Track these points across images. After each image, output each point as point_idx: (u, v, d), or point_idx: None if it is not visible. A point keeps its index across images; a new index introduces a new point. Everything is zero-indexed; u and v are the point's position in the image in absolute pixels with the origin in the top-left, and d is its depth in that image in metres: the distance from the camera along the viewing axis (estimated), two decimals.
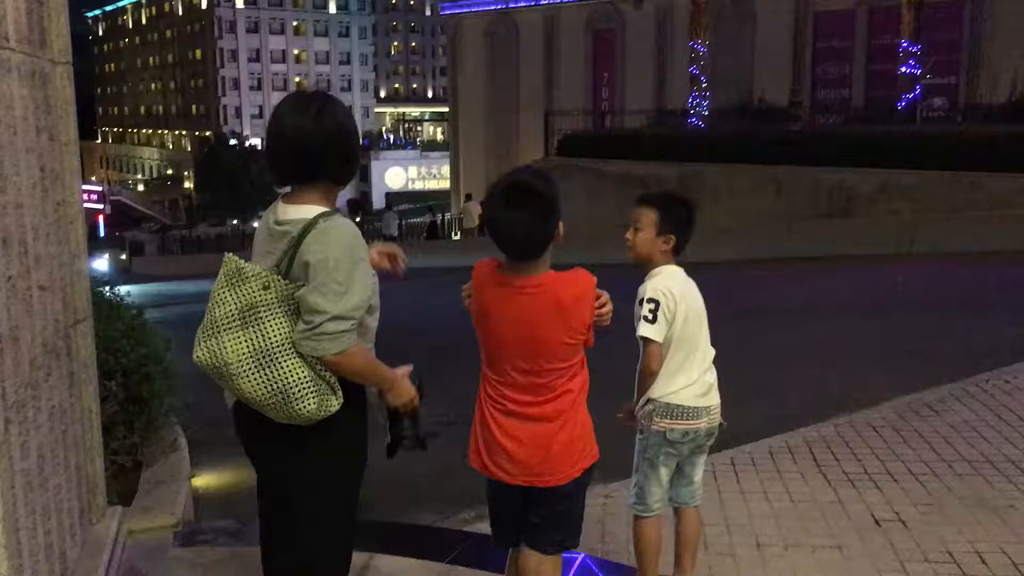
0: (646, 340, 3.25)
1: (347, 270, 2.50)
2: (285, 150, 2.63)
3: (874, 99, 32.68)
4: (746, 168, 20.76)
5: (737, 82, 34.07)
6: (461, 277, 3.04)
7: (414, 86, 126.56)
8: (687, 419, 3.32)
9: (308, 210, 2.59)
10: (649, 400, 3.33)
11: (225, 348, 2.53)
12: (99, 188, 60.64)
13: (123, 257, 34.20)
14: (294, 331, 2.52)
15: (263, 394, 2.52)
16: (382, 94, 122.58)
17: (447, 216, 47.13)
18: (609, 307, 2.86)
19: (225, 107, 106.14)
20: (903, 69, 22.74)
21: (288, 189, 2.72)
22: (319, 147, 2.60)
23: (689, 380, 3.32)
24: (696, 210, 3.42)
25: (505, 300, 2.81)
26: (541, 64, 46.98)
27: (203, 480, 5.23)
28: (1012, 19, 31.18)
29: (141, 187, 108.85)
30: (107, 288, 5.52)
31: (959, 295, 11.09)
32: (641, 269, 3.39)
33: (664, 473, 3.38)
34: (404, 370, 2.79)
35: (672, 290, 3.30)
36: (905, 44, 22.65)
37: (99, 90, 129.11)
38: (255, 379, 2.51)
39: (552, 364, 2.82)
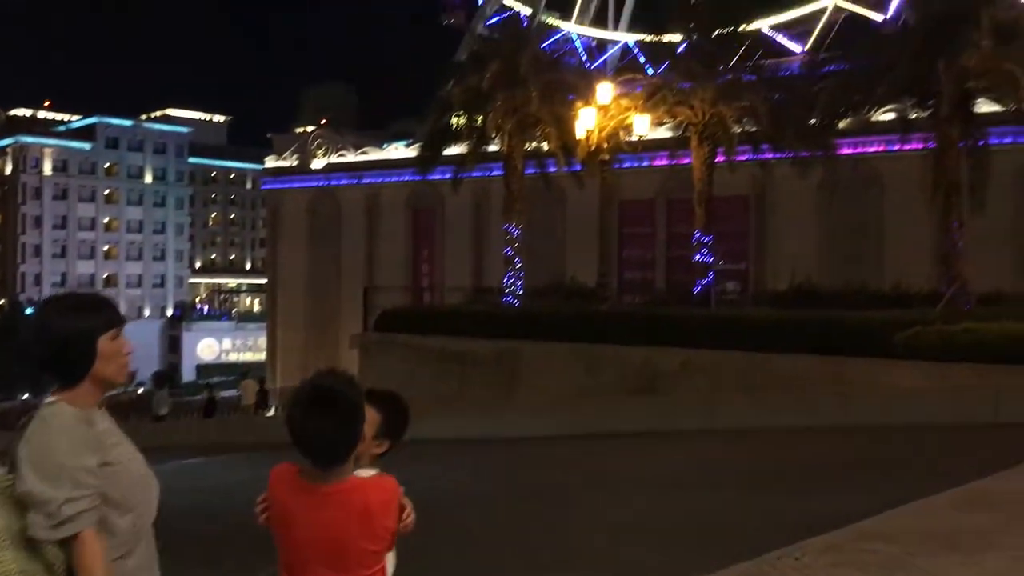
0: None
1: (64, 453, 2.57)
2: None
3: (674, 282, 35.12)
4: (558, 345, 21.52)
5: (550, 262, 35.81)
6: (256, 457, 2.98)
7: (232, 257, 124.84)
8: None
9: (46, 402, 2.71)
10: None
11: None
12: None
13: None
14: (15, 521, 2.54)
15: None
16: (197, 264, 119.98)
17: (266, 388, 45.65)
18: (412, 517, 2.88)
19: (24, 274, 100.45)
20: (697, 257, 24.67)
21: None
22: (40, 355, 2.71)
23: None
24: (411, 418, 3.45)
25: (311, 508, 2.76)
26: (362, 240, 47.75)
27: None
28: (788, 212, 34.80)
29: None
30: None
31: (753, 471, 11.72)
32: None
33: None
34: None
35: None
36: (698, 235, 24.66)
37: None
38: None
39: (357, 571, 2.77)
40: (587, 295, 26.79)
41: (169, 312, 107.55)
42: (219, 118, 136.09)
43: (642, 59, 41.08)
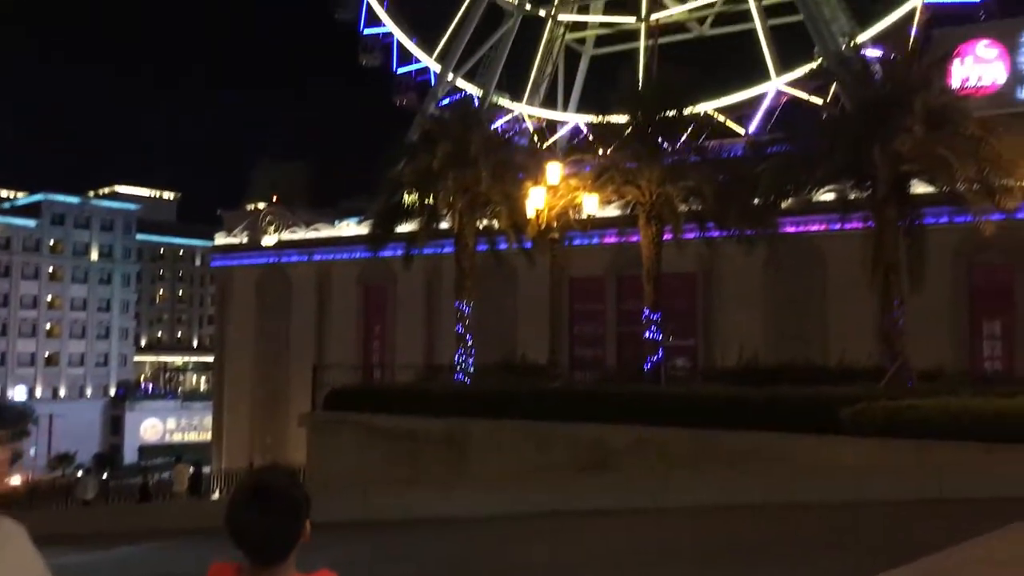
0: None
1: None
2: None
3: (625, 358, 35.32)
4: (510, 423, 21.39)
5: (501, 339, 35.82)
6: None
7: (179, 334, 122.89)
8: None
9: None
10: None
11: None
12: None
13: None
14: None
15: None
16: (143, 342, 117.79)
17: (206, 470, 44.64)
18: None
19: None
20: (647, 334, 24.87)
21: None
22: None
23: None
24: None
25: None
26: (313, 317, 47.38)
27: None
28: (734, 289, 35.41)
29: None
30: None
31: (704, 548, 11.67)
32: None
33: None
34: None
35: None
36: (647, 312, 24.90)
37: None
38: None
39: None
40: (538, 372, 26.76)
41: (112, 391, 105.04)
42: (168, 195, 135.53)
43: (592, 139, 41.95)
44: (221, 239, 52.76)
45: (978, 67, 34.54)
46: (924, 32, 39.15)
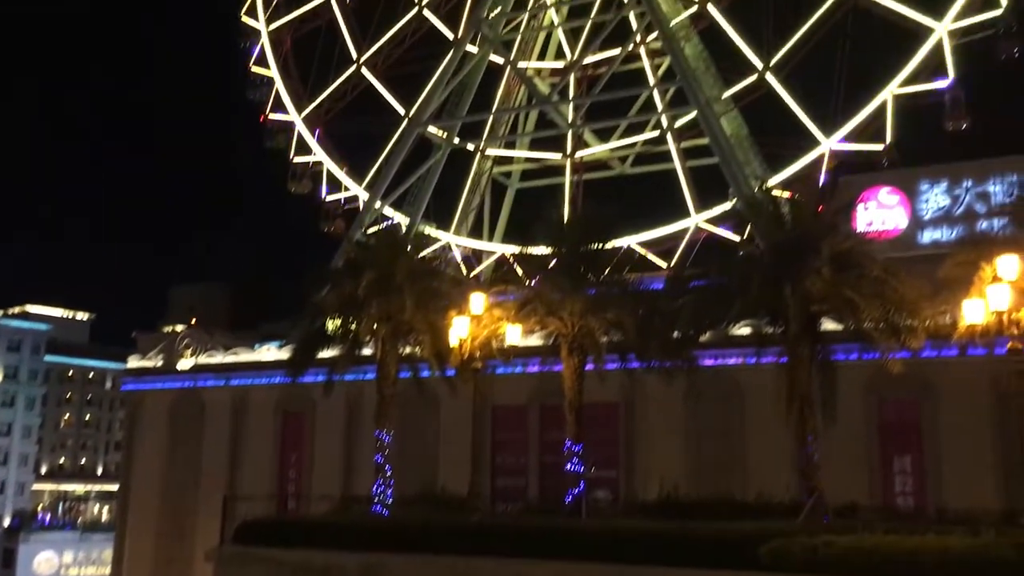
0: None
1: None
2: None
3: (547, 487, 34.91)
4: (429, 558, 20.78)
5: (422, 468, 35.16)
6: None
7: (83, 461, 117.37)
8: None
9: None
10: None
11: None
12: None
13: None
14: None
15: None
16: (43, 469, 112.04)
17: None
18: None
19: None
20: (568, 466, 24.74)
21: None
22: None
23: None
24: None
25: None
26: (226, 445, 45.86)
27: None
28: (656, 420, 35.65)
29: None
30: None
31: None
32: None
33: None
34: None
35: None
36: (569, 443, 24.85)
37: None
38: None
39: None
40: (459, 504, 26.22)
41: (6, 522, 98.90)
42: (82, 315, 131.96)
43: (517, 270, 42.57)
44: (134, 362, 51.26)
45: (881, 212, 36.56)
46: (831, 177, 41.45)
